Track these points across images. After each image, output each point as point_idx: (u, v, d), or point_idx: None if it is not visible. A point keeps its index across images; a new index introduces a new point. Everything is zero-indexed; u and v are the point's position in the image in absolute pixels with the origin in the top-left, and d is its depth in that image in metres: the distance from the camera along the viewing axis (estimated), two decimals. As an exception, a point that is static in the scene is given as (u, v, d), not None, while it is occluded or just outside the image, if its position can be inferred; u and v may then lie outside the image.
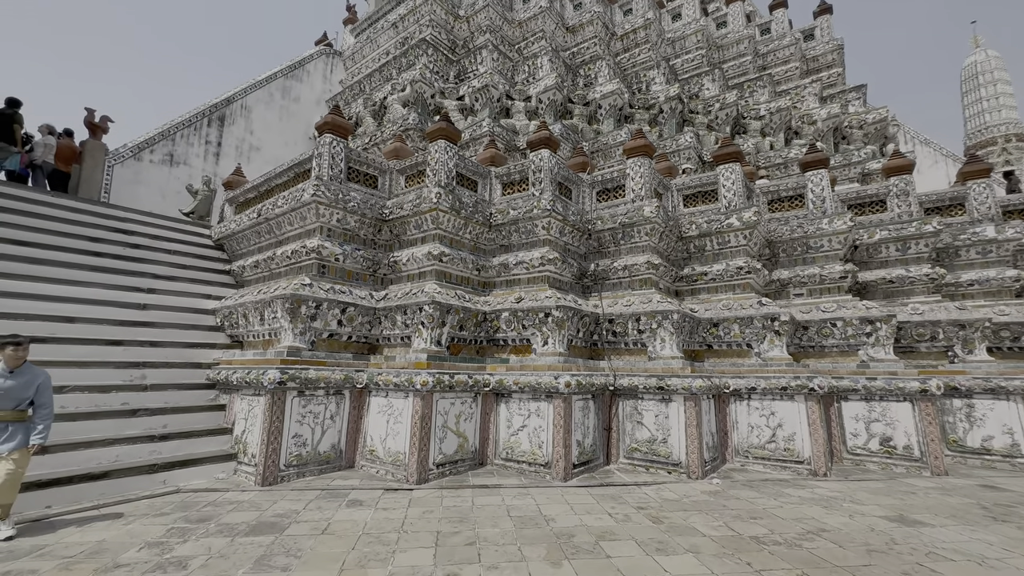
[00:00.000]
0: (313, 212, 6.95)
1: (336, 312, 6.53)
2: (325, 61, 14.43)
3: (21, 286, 6.07)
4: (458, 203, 7.36)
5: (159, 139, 10.47)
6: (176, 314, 7.16)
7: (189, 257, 8.42)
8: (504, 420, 6.48)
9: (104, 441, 5.05)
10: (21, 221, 6.99)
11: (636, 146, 8.17)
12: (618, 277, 7.88)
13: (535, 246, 7.59)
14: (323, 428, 5.96)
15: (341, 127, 7.52)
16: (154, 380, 6.09)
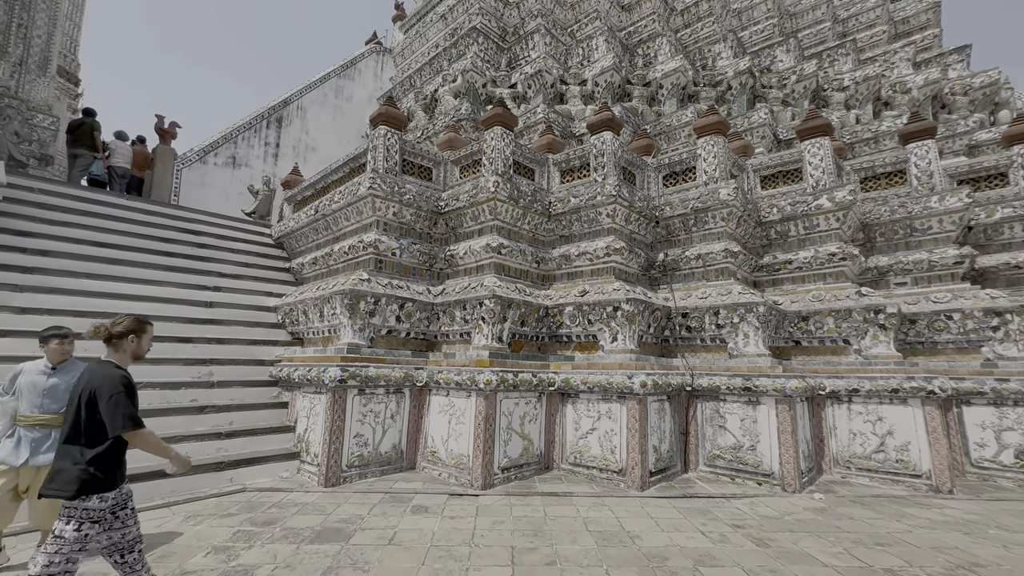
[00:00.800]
0: (369, 206, 6.79)
1: (394, 308, 6.32)
2: (376, 59, 14.50)
3: (102, 286, 6.28)
4: (516, 192, 6.97)
5: (222, 142, 10.83)
6: (240, 311, 7.24)
7: (252, 256, 8.56)
8: (571, 422, 6.04)
9: (175, 438, 5.06)
10: (102, 224, 7.29)
11: (708, 123, 7.45)
12: (690, 267, 7.22)
13: (599, 235, 7.08)
14: (384, 428, 5.76)
15: (395, 118, 7.32)
16: (220, 377, 6.12)
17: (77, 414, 2.29)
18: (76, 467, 2.23)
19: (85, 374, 2.41)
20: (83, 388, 2.32)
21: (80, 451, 2.26)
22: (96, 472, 2.26)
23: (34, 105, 8.14)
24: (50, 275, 5.99)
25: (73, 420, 2.30)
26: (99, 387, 2.29)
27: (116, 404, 2.28)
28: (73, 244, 6.63)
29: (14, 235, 6.27)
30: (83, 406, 2.29)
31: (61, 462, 2.27)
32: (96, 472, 2.26)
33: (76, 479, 2.20)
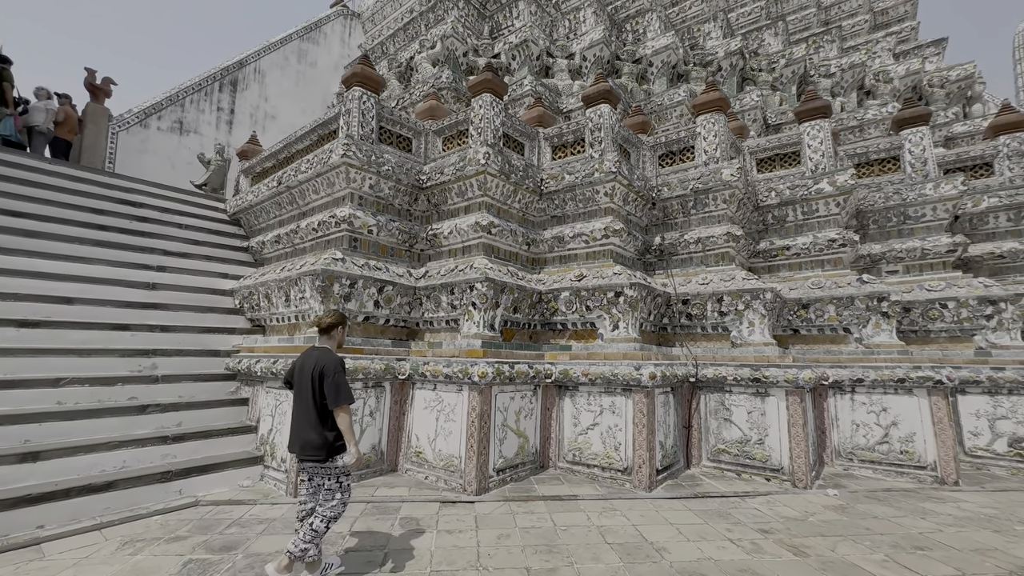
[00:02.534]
0: (343, 176, 6.00)
1: (372, 292, 5.62)
2: (343, 23, 13.33)
3: (14, 262, 5.25)
4: (508, 166, 6.36)
5: (167, 104, 9.56)
6: (190, 295, 6.31)
7: (203, 232, 7.55)
8: (570, 417, 5.56)
9: (108, 444, 4.23)
10: (17, 190, 6.15)
11: (709, 100, 7.06)
12: (689, 252, 6.85)
13: (595, 216, 6.58)
14: (362, 427, 5.09)
15: (372, 79, 6.51)
16: (166, 370, 5.26)
17: (312, 391, 2.84)
18: (319, 436, 2.81)
19: (311, 358, 2.95)
20: (313, 368, 2.87)
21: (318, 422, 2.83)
22: (333, 439, 2.84)
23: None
24: (-55, 248, 4.92)
25: (310, 396, 2.84)
26: (325, 367, 2.85)
27: (339, 383, 2.85)
28: (-22, 212, 5.52)
29: (-103, 199, 5.12)
30: (314, 383, 2.84)
31: (307, 433, 2.83)
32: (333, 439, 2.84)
33: (322, 446, 2.81)
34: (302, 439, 2.83)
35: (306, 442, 2.81)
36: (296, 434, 2.88)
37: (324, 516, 2.81)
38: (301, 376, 2.92)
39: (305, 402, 2.85)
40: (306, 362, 2.94)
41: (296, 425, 2.90)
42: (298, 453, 2.85)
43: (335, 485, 2.87)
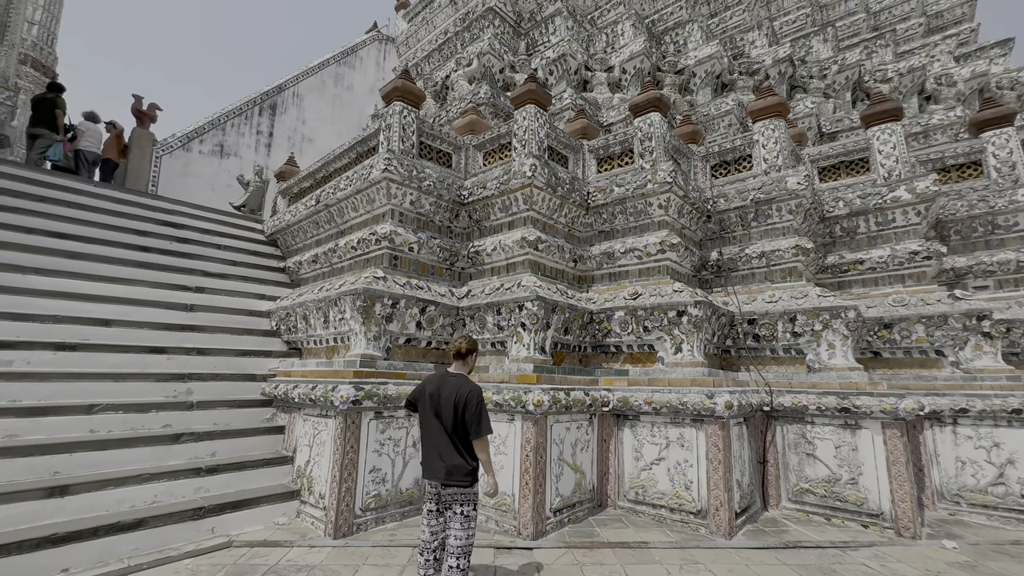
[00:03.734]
0: (383, 192, 5.77)
1: (415, 312, 5.28)
2: (378, 48, 13.54)
3: (56, 283, 5.15)
4: (554, 178, 6.02)
5: (209, 128, 9.73)
6: (227, 316, 6.12)
7: (241, 253, 7.45)
8: (630, 450, 5.02)
9: (140, 476, 3.94)
10: (63, 212, 6.15)
11: (767, 106, 6.60)
12: (750, 267, 6.31)
13: (647, 230, 6.13)
14: (404, 459, 4.69)
15: (412, 93, 6.34)
16: (201, 396, 5.00)
17: (455, 418, 2.86)
18: (465, 461, 2.84)
19: (449, 384, 2.95)
20: (456, 396, 2.88)
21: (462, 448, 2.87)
22: (476, 466, 2.89)
23: (-13, 77, 7.00)
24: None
25: (452, 423, 2.86)
26: (468, 396, 2.87)
27: (482, 412, 2.88)
28: (24, 234, 5.48)
29: (-53, 221, 5.12)
30: (457, 411, 2.86)
31: (453, 459, 2.84)
32: (476, 466, 2.89)
33: (469, 472, 2.83)
34: (449, 464, 2.82)
35: (454, 467, 2.81)
36: (438, 460, 2.85)
37: (464, 549, 2.78)
38: (437, 402, 2.91)
39: (446, 429, 2.86)
40: (443, 388, 2.93)
41: (435, 451, 2.88)
42: (443, 479, 2.81)
43: (472, 512, 2.86)
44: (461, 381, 2.97)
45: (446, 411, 2.87)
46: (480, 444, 2.88)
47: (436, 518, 2.91)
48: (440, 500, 2.91)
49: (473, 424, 2.83)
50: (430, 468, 2.93)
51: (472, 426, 2.84)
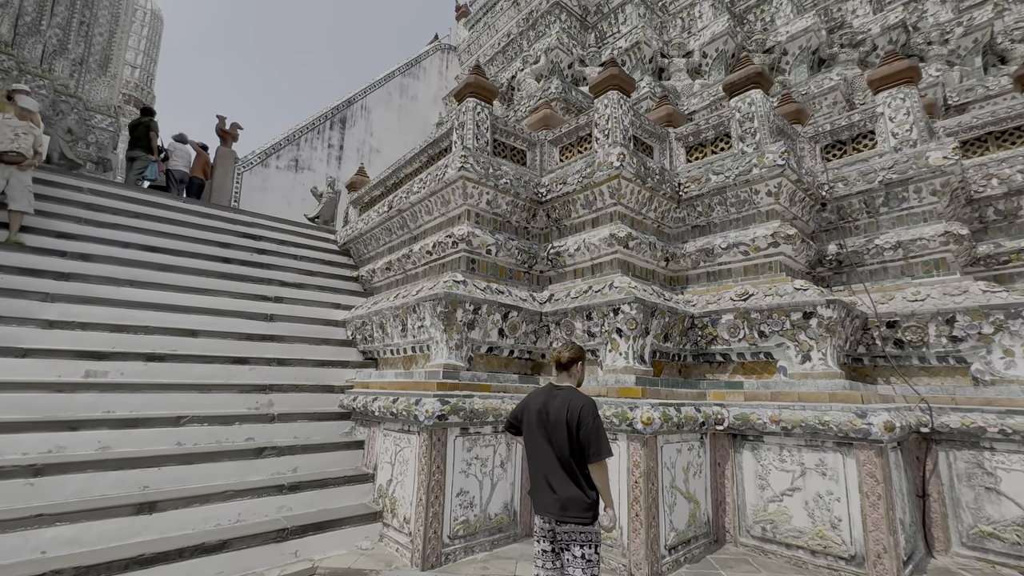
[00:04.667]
0: (459, 192, 5.44)
1: (497, 318, 4.87)
2: (440, 57, 13.61)
3: (146, 295, 5.23)
4: (643, 169, 5.43)
5: (284, 144, 10.05)
6: (304, 326, 6.03)
7: (316, 263, 7.44)
8: (752, 476, 4.28)
9: (224, 494, 3.75)
10: (153, 227, 6.36)
11: (893, 72, 5.66)
12: (882, 260, 5.36)
13: (753, 222, 5.37)
14: (492, 481, 4.24)
15: (486, 89, 6.02)
16: (281, 408, 4.85)
17: (569, 439, 2.38)
18: (583, 493, 2.36)
19: (558, 400, 2.48)
20: (567, 412, 2.40)
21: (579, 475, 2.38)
22: (596, 498, 2.39)
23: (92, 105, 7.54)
24: (88, 282, 4.98)
25: (566, 445, 2.38)
26: (582, 412, 2.39)
27: (600, 429, 2.38)
28: (119, 248, 5.66)
29: (54, 237, 5.36)
30: (570, 430, 2.38)
31: (568, 489, 2.36)
32: (596, 498, 2.39)
33: (589, 506, 2.35)
34: (563, 497, 2.35)
35: (570, 500, 2.34)
36: (549, 491, 2.39)
37: None
38: (545, 420, 2.46)
39: (558, 453, 2.40)
40: (551, 405, 2.49)
41: (546, 481, 2.41)
42: (557, 514, 2.35)
43: (594, 555, 2.35)
44: (570, 395, 2.50)
45: (557, 432, 2.41)
46: (598, 469, 2.39)
47: (552, 560, 2.40)
48: (555, 539, 2.41)
49: (590, 445, 2.36)
50: (541, 501, 2.45)
51: (589, 447, 2.36)
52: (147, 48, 28.54)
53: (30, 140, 5.21)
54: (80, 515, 3.21)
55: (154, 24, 29.91)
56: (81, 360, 4.19)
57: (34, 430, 3.58)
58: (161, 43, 30.23)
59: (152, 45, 29.37)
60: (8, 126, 5.02)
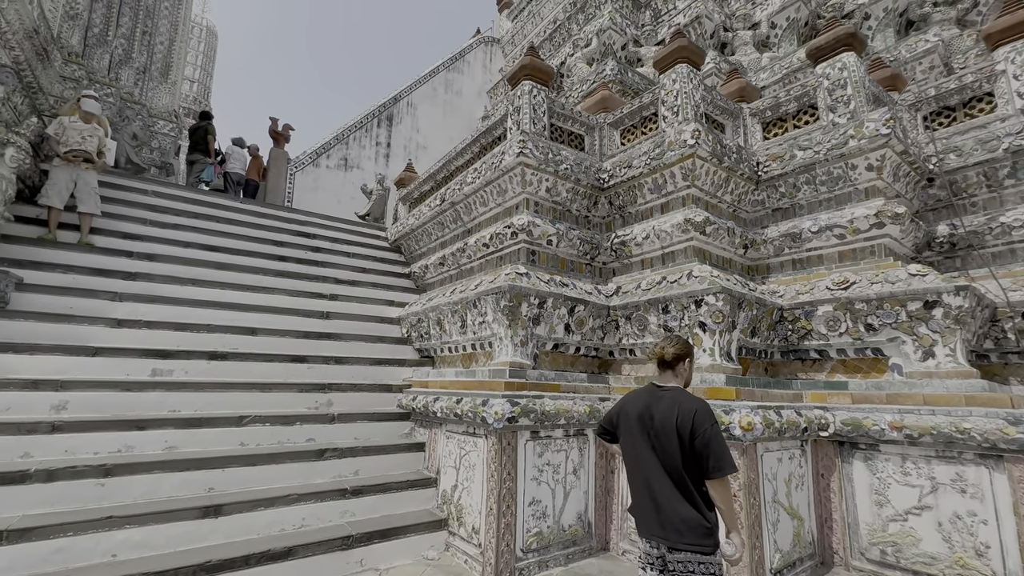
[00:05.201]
0: (517, 180, 5.13)
1: (563, 313, 4.52)
2: (484, 50, 13.40)
3: (208, 293, 5.23)
4: (719, 147, 4.92)
5: (334, 143, 10.13)
6: (360, 324, 5.90)
7: (368, 260, 7.35)
8: (866, 490, 3.72)
9: (288, 497, 3.60)
10: (213, 227, 6.44)
11: (1017, 22, 4.88)
12: (1009, 241, 4.63)
13: (848, 201, 4.76)
14: (565, 489, 3.89)
15: (541, 71, 5.67)
16: (341, 407, 4.70)
17: (681, 450, 2.01)
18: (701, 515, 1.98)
19: (664, 402, 2.12)
20: (676, 417, 2.03)
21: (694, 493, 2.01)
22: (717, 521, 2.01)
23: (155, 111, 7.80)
24: (154, 281, 5.01)
25: (677, 457, 2.01)
26: (696, 418, 2.00)
27: (719, 438, 1.99)
28: (181, 248, 5.72)
29: (121, 238, 5.46)
30: (682, 439, 2.00)
31: (682, 509, 1.99)
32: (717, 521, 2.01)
33: (709, 531, 1.97)
34: (675, 518, 1.97)
35: (684, 524, 1.96)
36: (655, 512, 2.03)
37: None
38: (649, 426, 2.10)
39: (666, 464, 2.03)
40: (654, 407, 2.12)
41: (651, 498, 2.05)
42: (669, 539, 1.99)
43: None
44: (679, 397, 2.13)
45: (665, 440, 2.04)
46: (719, 487, 2.01)
47: None
48: (665, 568, 2.03)
49: (708, 457, 1.96)
50: (647, 522, 2.09)
51: (707, 460, 1.97)
52: (204, 63, 30.08)
53: (95, 143, 5.33)
54: (149, 517, 3.12)
55: (209, 40, 31.47)
56: (147, 359, 4.18)
57: (104, 429, 3.55)
58: (216, 58, 31.77)
59: (208, 60, 30.92)
60: (75, 129, 5.14)
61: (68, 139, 5.12)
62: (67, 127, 5.14)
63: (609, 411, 2.41)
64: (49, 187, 5.05)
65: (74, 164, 5.09)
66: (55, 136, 5.06)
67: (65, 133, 5.13)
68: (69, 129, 5.13)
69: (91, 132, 5.31)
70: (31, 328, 3.95)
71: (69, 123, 5.18)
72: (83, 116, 5.33)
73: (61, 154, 5.04)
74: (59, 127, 5.11)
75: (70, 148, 5.07)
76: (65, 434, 3.41)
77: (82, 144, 5.15)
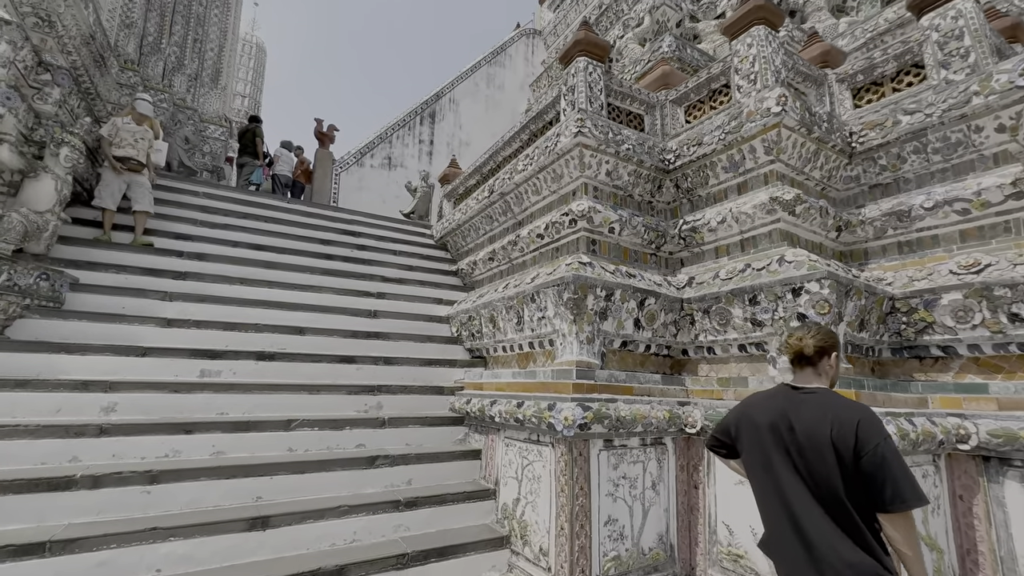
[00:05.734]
0: (575, 162, 4.70)
1: (632, 306, 4.04)
2: (526, 43, 13.08)
3: (256, 292, 5.10)
4: (807, 115, 4.30)
5: (377, 143, 10.06)
6: (408, 323, 5.63)
7: (414, 258, 7.12)
8: (1021, 517, 3.03)
9: (338, 509, 3.31)
10: (261, 227, 6.38)
11: None
12: None
13: (971, 170, 4.02)
14: (644, 506, 3.41)
15: (597, 46, 5.23)
16: (391, 411, 4.42)
17: (841, 472, 1.52)
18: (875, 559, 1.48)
19: (809, 408, 1.63)
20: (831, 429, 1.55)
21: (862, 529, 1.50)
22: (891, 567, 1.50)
23: (206, 116, 7.93)
24: (204, 281, 4.92)
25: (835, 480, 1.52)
26: (861, 432, 1.51)
27: (898, 458, 1.50)
28: (231, 247, 5.64)
29: (173, 238, 5.44)
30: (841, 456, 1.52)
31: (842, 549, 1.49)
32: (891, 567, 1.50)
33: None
34: (838, 563, 1.47)
35: (851, 569, 1.46)
36: (802, 549, 1.55)
37: None
38: (789, 439, 1.63)
39: (818, 490, 1.56)
40: (795, 414, 1.64)
41: (795, 530, 1.58)
42: None
43: None
44: (831, 401, 1.64)
45: (814, 458, 1.57)
46: (901, 524, 1.48)
47: None
48: None
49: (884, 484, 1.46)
50: (791, 563, 1.61)
51: (883, 487, 1.47)
52: (254, 78, 31.45)
53: (145, 145, 5.35)
54: (194, 529, 2.89)
55: (259, 56, 32.88)
56: (196, 359, 4.03)
57: (152, 432, 3.39)
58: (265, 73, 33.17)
59: (258, 75, 32.30)
60: (127, 131, 5.15)
61: (120, 140, 5.14)
62: (120, 128, 5.17)
63: (724, 419, 1.94)
64: (102, 189, 5.08)
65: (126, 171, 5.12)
66: (108, 137, 5.08)
67: (118, 134, 5.15)
68: (122, 130, 5.15)
69: (142, 134, 5.32)
70: (83, 328, 3.88)
71: (122, 124, 5.20)
72: (136, 117, 5.35)
73: (112, 156, 5.06)
74: (112, 128, 5.14)
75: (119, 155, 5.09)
76: (113, 437, 3.26)
77: (134, 146, 5.16)
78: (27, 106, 4.12)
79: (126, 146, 5.13)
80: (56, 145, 4.21)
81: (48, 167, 4.11)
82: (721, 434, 1.92)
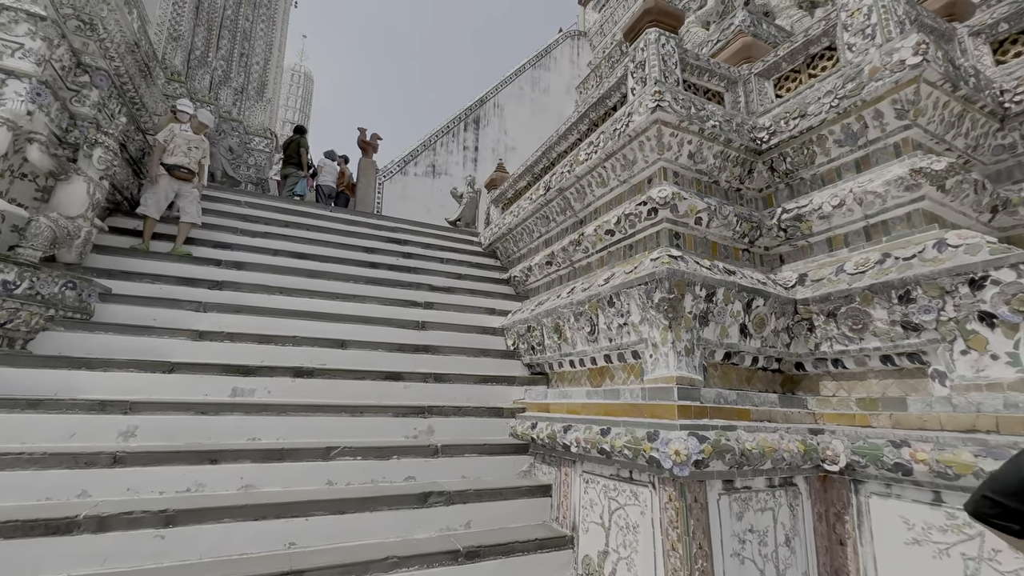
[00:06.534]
0: (652, 144, 4.01)
1: (737, 309, 3.27)
2: (571, 44, 12.61)
3: (296, 303, 4.67)
4: (951, 68, 3.44)
5: (421, 150, 9.76)
6: (459, 335, 5.04)
7: (463, 266, 6.58)
8: None
9: (385, 561, 2.68)
10: (304, 235, 6.04)
11: None
12: None
13: None
14: (778, 569, 2.58)
15: (670, 15, 4.58)
16: (444, 437, 3.79)
17: None
18: None
19: None
20: None
21: None
22: None
23: (251, 129, 7.84)
24: (241, 291, 4.53)
25: None
26: None
27: None
28: (271, 256, 5.28)
29: (212, 247, 5.12)
30: None
31: None
32: None
33: None
34: None
35: None
36: None
37: None
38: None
39: None
40: None
41: None
42: None
43: None
44: None
45: None
46: None
47: None
48: None
49: None
50: None
51: None
52: (302, 105, 32.77)
53: (199, 154, 5.16)
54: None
55: (306, 84, 34.30)
56: (228, 375, 3.57)
57: (173, 462, 2.89)
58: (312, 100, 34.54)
59: (305, 103, 33.64)
60: (183, 138, 4.97)
61: (174, 147, 4.96)
62: (176, 134, 5.00)
63: (1007, 473, 1.17)
64: (148, 195, 4.85)
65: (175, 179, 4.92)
66: (163, 143, 4.91)
67: (174, 140, 4.98)
68: (178, 136, 4.99)
69: (197, 143, 5.17)
70: (109, 341, 3.50)
71: (180, 131, 5.03)
72: (195, 126, 5.19)
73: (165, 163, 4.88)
74: (169, 134, 4.98)
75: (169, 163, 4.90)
76: (128, 468, 2.78)
77: (186, 154, 4.99)
78: (60, 105, 3.88)
79: (178, 154, 4.94)
80: (89, 146, 3.96)
81: (80, 169, 3.85)
82: (1009, 498, 1.15)
